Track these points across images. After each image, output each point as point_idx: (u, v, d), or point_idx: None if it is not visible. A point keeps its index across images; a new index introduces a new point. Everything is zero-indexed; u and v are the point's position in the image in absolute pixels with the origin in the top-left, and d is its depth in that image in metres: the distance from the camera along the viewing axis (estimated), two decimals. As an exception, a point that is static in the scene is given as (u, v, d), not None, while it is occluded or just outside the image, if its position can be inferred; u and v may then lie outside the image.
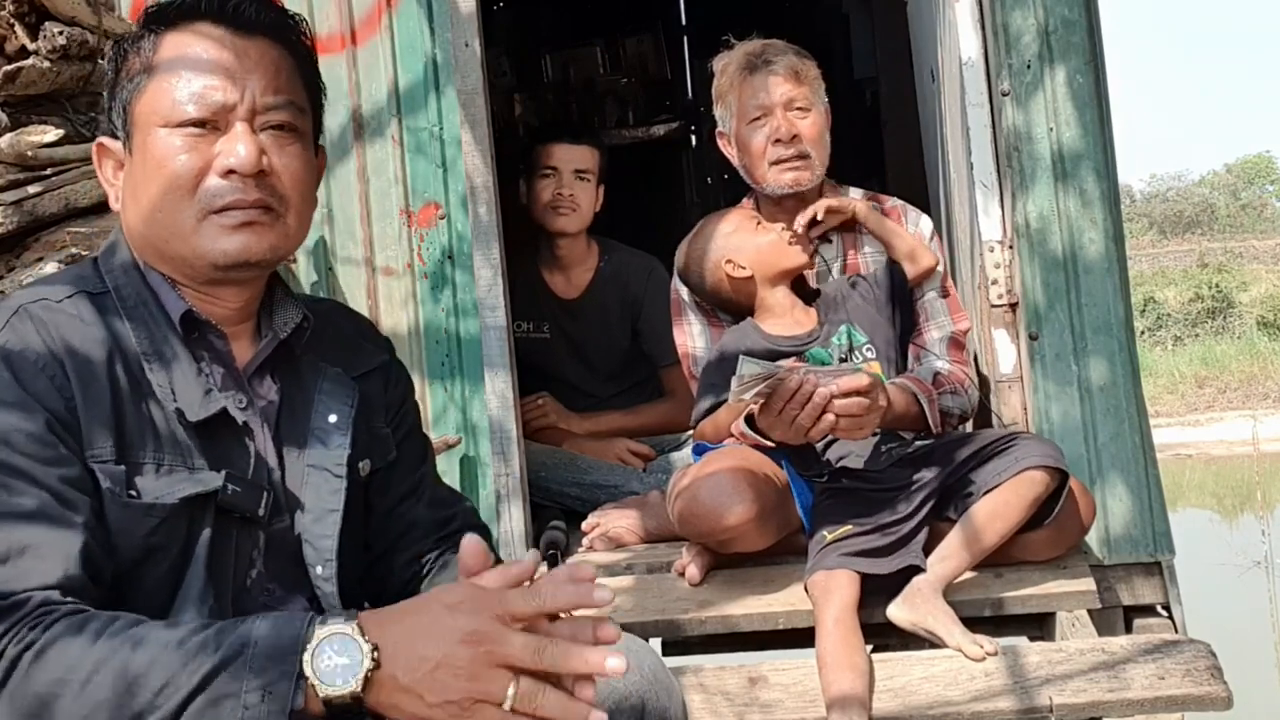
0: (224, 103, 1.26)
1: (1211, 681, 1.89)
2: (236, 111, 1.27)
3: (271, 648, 1.06)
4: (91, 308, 1.26)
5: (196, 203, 1.26)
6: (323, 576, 1.32)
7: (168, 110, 1.26)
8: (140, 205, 1.29)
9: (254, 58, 1.29)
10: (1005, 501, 2.18)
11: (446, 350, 2.73)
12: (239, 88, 1.27)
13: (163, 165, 1.26)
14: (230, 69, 1.27)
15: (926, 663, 2.01)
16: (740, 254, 2.54)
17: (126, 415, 1.22)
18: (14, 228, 2.04)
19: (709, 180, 5.78)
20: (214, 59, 1.27)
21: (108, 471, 1.19)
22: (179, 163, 1.26)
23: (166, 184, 1.26)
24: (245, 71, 1.28)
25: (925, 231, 2.62)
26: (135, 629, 1.08)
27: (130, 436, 1.22)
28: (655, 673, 1.35)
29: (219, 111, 1.26)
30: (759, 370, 2.11)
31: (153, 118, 1.27)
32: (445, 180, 2.74)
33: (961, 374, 2.50)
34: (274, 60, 1.31)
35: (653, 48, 5.46)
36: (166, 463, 1.23)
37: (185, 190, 1.26)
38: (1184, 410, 12.50)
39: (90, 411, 1.20)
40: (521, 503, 2.65)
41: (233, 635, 1.07)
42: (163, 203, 1.26)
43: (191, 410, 1.26)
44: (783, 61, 2.56)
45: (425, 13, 2.74)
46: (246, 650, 1.06)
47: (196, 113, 1.26)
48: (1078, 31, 2.59)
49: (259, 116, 1.28)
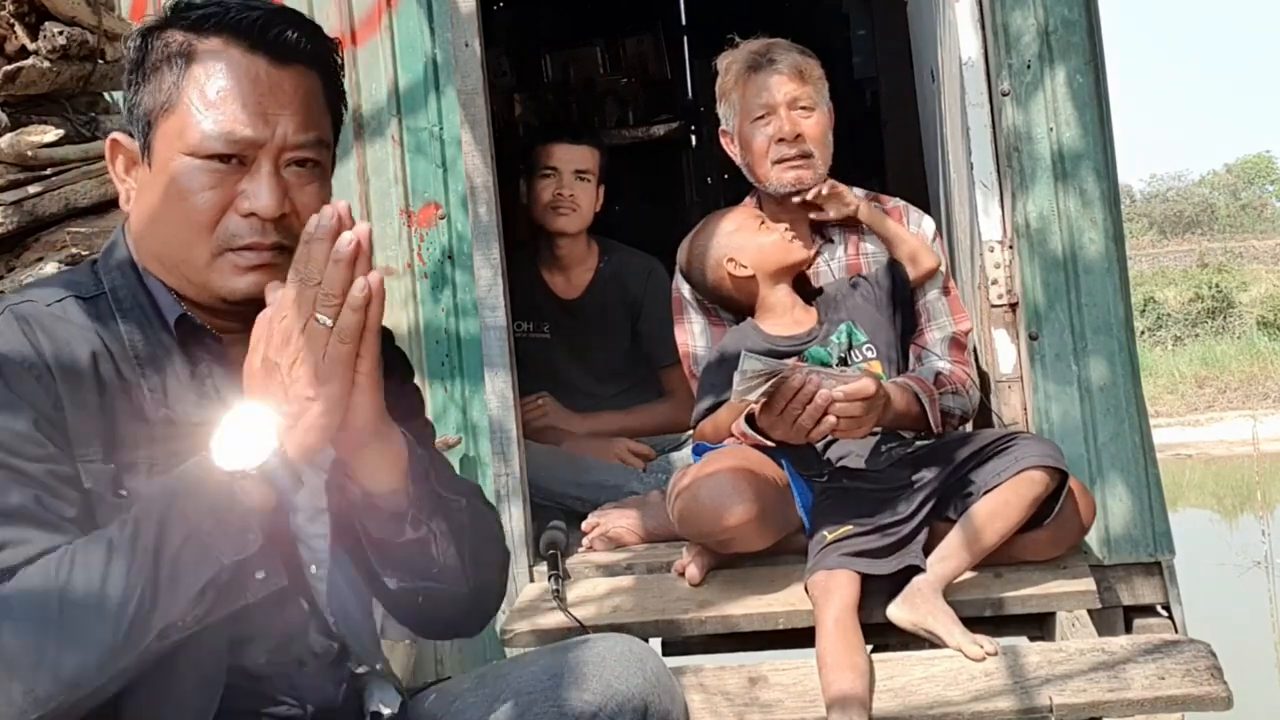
0: (254, 140, 1.24)
1: (1211, 681, 1.89)
2: (265, 149, 1.25)
3: (188, 479, 1.15)
4: (81, 311, 1.26)
5: (215, 239, 1.25)
6: (318, 576, 1.32)
7: (195, 141, 1.24)
8: (155, 223, 1.27)
9: (288, 92, 1.26)
10: (1005, 501, 2.18)
11: (446, 350, 2.74)
12: (270, 126, 1.25)
13: (184, 197, 1.24)
14: (263, 105, 1.25)
15: (926, 663, 2.00)
16: (742, 253, 2.54)
17: (117, 416, 1.23)
18: (14, 228, 2.03)
19: (709, 180, 5.78)
20: (248, 91, 1.24)
21: (94, 471, 1.20)
22: (201, 199, 1.24)
23: (186, 216, 1.25)
24: (279, 107, 1.25)
25: (928, 232, 2.62)
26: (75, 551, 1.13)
27: (121, 437, 1.22)
28: (658, 675, 1.35)
29: (247, 149, 1.24)
30: (762, 367, 2.11)
31: (177, 142, 1.25)
32: (445, 180, 2.74)
33: (963, 374, 2.50)
34: (307, 92, 1.28)
35: (653, 48, 5.46)
36: (160, 463, 1.23)
37: (204, 226, 1.25)
38: (1184, 410, 12.49)
39: (77, 412, 1.20)
40: (521, 503, 2.65)
41: (152, 499, 1.15)
42: (179, 231, 1.25)
43: (184, 413, 1.26)
44: (787, 60, 2.56)
45: (425, 13, 2.74)
46: (173, 497, 1.14)
47: (224, 149, 1.24)
48: (1078, 31, 2.59)
49: (285, 153, 1.26)
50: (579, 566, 2.55)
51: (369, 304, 1.14)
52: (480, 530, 1.37)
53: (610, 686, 1.29)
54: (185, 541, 1.12)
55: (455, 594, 1.34)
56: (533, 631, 2.24)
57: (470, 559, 1.33)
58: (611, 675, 1.31)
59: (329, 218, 1.14)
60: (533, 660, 1.39)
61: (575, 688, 1.30)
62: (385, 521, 1.27)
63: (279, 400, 1.15)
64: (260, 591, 1.18)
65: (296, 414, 1.15)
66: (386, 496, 1.25)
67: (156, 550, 1.12)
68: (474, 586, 1.35)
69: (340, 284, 1.13)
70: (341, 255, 1.13)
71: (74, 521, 1.17)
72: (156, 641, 1.12)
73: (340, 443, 1.21)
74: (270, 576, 1.19)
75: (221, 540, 1.13)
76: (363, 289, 1.13)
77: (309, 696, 1.32)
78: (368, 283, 1.13)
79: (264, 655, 1.29)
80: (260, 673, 1.29)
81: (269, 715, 1.30)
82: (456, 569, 1.32)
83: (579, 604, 2.34)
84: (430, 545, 1.29)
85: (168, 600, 1.12)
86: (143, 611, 1.11)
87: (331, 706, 1.34)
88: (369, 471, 1.24)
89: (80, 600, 1.10)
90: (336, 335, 1.13)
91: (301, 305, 1.14)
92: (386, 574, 1.30)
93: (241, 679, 1.27)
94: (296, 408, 1.14)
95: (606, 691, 1.29)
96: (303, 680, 1.32)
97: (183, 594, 1.12)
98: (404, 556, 1.29)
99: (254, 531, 1.15)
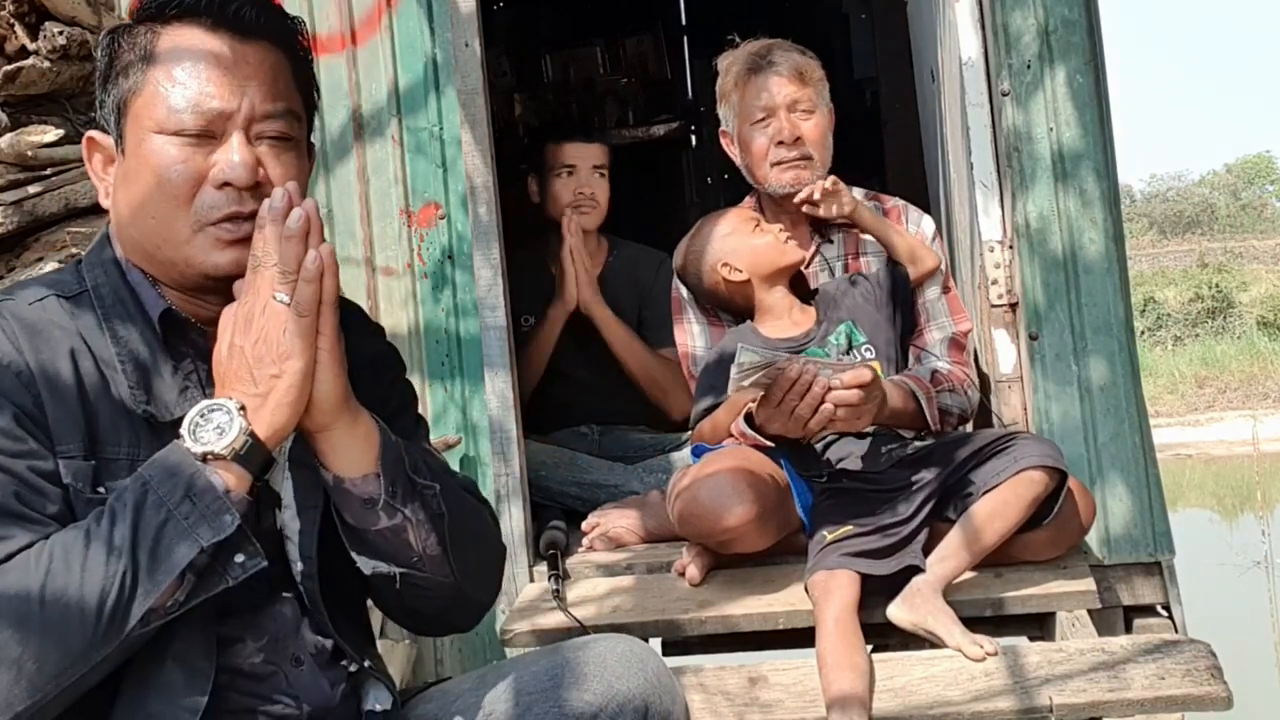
0: (221, 111, 1.25)
1: (1211, 681, 1.89)
2: (234, 120, 1.26)
3: (162, 466, 1.16)
4: (62, 309, 1.26)
5: (192, 214, 1.26)
6: (305, 574, 1.32)
7: (163, 117, 1.25)
8: (132, 208, 1.28)
9: (253, 64, 1.28)
10: (1004, 501, 2.17)
11: (446, 350, 2.74)
12: (237, 96, 1.26)
13: (157, 173, 1.25)
14: (229, 76, 1.26)
15: (926, 663, 2.00)
16: (736, 257, 2.54)
17: (99, 413, 1.23)
18: (14, 228, 2.04)
19: (709, 180, 5.77)
20: (212, 65, 1.26)
21: (74, 468, 1.20)
22: (174, 173, 1.25)
23: (161, 193, 1.25)
24: (244, 79, 1.26)
25: (927, 232, 2.62)
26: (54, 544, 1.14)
27: (103, 433, 1.23)
28: (659, 675, 1.35)
29: (216, 120, 1.25)
30: (758, 359, 2.11)
31: (147, 122, 1.26)
32: (445, 180, 2.74)
33: (961, 374, 2.50)
34: (272, 66, 1.29)
35: (653, 48, 5.46)
36: (143, 459, 1.23)
37: (181, 201, 1.25)
38: (1184, 410, 12.51)
39: (58, 408, 1.21)
40: (521, 503, 2.64)
41: (128, 489, 1.16)
42: (157, 210, 1.26)
43: (165, 410, 1.26)
44: (787, 63, 2.56)
45: (425, 13, 2.74)
46: (148, 485, 1.15)
47: (193, 121, 1.25)
48: (1078, 31, 2.59)
49: (255, 125, 1.27)
50: (579, 566, 2.55)
51: (323, 275, 1.18)
52: (465, 520, 1.36)
53: (611, 687, 1.29)
54: (163, 526, 1.14)
55: (440, 584, 1.34)
56: (533, 631, 2.24)
57: (454, 549, 1.33)
58: (612, 676, 1.31)
59: (279, 199, 1.19)
60: (534, 660, 1.39)
61: (576, 688, 1.30)
62: (358, 508, 1.27)
63: (246, 382, 1.18)
64: (239, 574, 1.19)
65: (263, 393, 1.18)
66: (357, 481, 1.26)
67: (134, 537, 1.13)
68: (462, 577, 1.35)
69: (294, 259, 1.18)
70: (293, 231, 1.18)
71: (54, 518, 1.18)
72: (139, 627, 1.13)
73: (308, 423, 1.23)
74: (250, 559, 1.19)
75: (199, 523, 1.15)
76: (315, 260, 1.18)
77: (305, 696, 1.32)
78: (319, 254, 1.18)
79: (258, 655, 1.29)
80: (255, 672, 1.29)
81: (265, 714, 1.30)
82: (439, 558, 1.32)
83: (579, 604, 2.34)
84: (407, 532, 1.29)
85: (148, 586, 1.13)
86: (123, 599, 1.12)
87: (328, 705, 1.34)
88: (338, 454, 1.25)
89: (61, 592, 1.11)
90: (294, 309, 1.18)
91: (260, 288, 1.19)
92: (362, 561, 1.30)
93: (237, 678, 1.28)
94: (263, 387, 1.18)
95: (607, 692, 1.29)
96: (299, 679, 1.32)
97: (162, 578, 1.13)
98: (380, 544, 1.30)
99: (231, 513, 1.16)
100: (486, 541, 1.45)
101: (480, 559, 1.41)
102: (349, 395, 1.24)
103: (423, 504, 1.30)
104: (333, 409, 1.23)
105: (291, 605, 1.32)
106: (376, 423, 1.28)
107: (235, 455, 1.17)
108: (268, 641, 1.30)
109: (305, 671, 1.33)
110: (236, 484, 1.17)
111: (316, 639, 1.34)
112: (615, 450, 3.14)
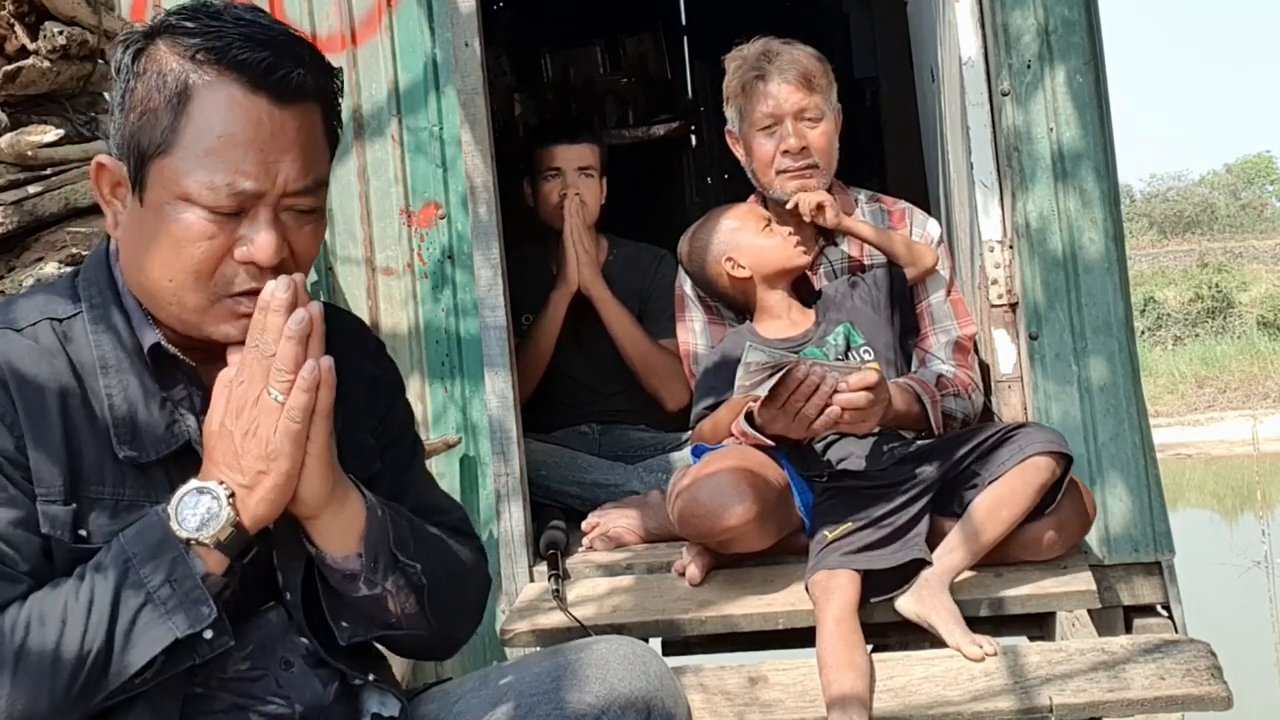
0: (255, 192, 1.21)
1: (1211, 681, 1.89)
2: (265, 199, 1.21)
3: (145, 544, 1.17)
4: (54, 336, 1.25)
5: (212, 286, 1.23)
6: (293, 604, 1.31)
7: (194, 191, 1.19)
8: (146, 263, 1.24)
9: (290, 133, 1.21)
10: (1012, 489, 2.16)
11: (446, 350, 2.74)
12: (270, 176, 1.20)
13: (181, 245, 1.21)
14: (264, 154, 1.20)
15: (926, 663, 2.00)
16: (741, 253, 2.54)
17: (84, 450, 1.22)
18: (14, 228, 2.03)
19: (709, 180, 5.77)
20: (250, 139, 1.19)
21: (52, 515, 1.19)
22: (200, 249, 1.21)
23: (181, 262, 1.21)
24: (280, 152, 1.21)
25: (933, 235, 2.61)
26: (31, 611, 1.15)
27: (87, 472, 1.22)
28: (660, 677, 1.35)
29: (248, 200, 1.21)
30: (766, 359, 2.10)
31: (174, 186, 1.20)
32: (445, 180, 2.74)
33: (966, 378, 2.50)
34: (308, 131, 1.24)
35: (653, 48, 5.46)
36: (127, 498, 1.22)
37: (203, 275, 1.22)
38: (1184, 410, 12.52)
39: (40, 449, 1.19)
40: (521, 502, 2.64)
41: (109, 561, 1.16)
42: (175, 275, 1.22)
43: (151, 450, 1.24)
44: (795, 69, 2.53)
45: (425, 13, 2.75)
46: (129, 563, 1.16)
47: (225, 203, 1.20)
48: (1078, 31, 2.59)
49: (285, 199, 1.23)
50: (579, 566, 2.55)
51: (319, 386, 1.17)
52: (447, 581, 1.36)
53: (613, 688, 1.29)
54: (140, 609, 1.15)
55: (417, 635, 1.37)
56: (533, 631, 2.24)
57: (433, 609, 1.34)
58: (614, 677, 1.31)
59: (284, 289, 1.18)
60: (535, 662, 1.38)
61: (578, 689, 1.30)
62: (338, 579, 1.29)
63: (234, 470, 1.18)
64: (208, 654, 1.20)
65: (249, 485, 1.18)
66: (339, 559, 1.27)
67: (112, 615, 1.14)
68: (439, 627, 1.37)
69: (292, 361, 1.17)
70: (293, 333, 1.17)
71: (30, 574, 1.18)
72: (104, 702, 1.16)
73: (293, 510, 1.23)
74: (218, 638, 1.19)
75: (176, 610, 1.16)
76: (312, 371, 1.17)
77: (297, 695, 1.32)
78: (318, 365, 1.17)
79: (243, 662, 1.30)
80: (243, 678, 1.30)
81: (259, 714, 1.30)
82: (417, 616, 1.33)
83: (579, 604, 2.34)
84: (387, 601, 1.31)
85: (119, 667, 1.15)
86: (94, 677, 1.14)
87: (321, 705, 1.34)
88: (322, 536, 1.26)
89: (36, 662, 1.13)
90: (287, 414, 1.17)
91: (256, 374, 1.18)
92: (338, 624, 1.31)
93: (227, 682, 1.28)
94: (249, 479, 1.18)
95: (609, 693, 1.29)
96: (289, 680, 1.32)
97: (134, 662, 1.15)
98: (360, 606, 1.31)
99: (208, 604, 1.17)
100: (468, 588, 1.44)
101: (461, 605, 1.42)
102: (336, 487, 1.24)
103: (404, 576, 1.31)
104: (318, 504, 1.23)
105: (279, 613, 1.32)
106: (364, 500, 1.27)
107: (217, 542, 1.17)
108: (253, 649, 1.30)
109: (295, 673, 1.33)
110: (215, 566, 1.18)
111: (304, 641, 1.33)
112: (615, 450, 3.14)
